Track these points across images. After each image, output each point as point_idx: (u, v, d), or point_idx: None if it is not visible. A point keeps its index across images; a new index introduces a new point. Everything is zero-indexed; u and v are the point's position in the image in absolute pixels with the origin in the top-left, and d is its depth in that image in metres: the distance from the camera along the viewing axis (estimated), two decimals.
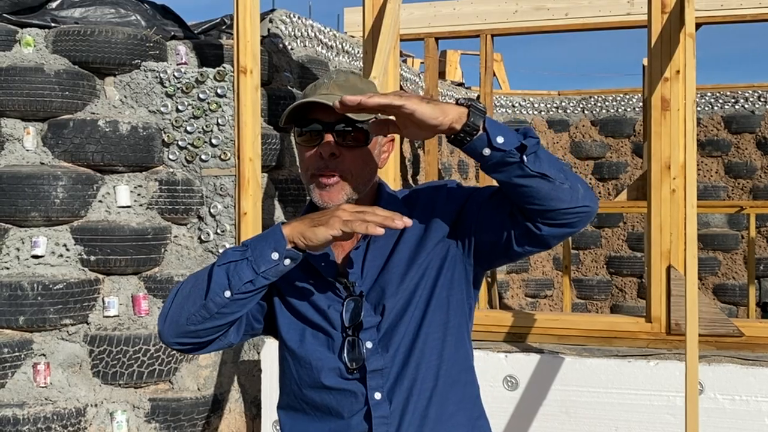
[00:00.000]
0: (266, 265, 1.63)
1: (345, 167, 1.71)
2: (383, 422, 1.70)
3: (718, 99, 11.28)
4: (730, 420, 3.70)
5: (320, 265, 1.77)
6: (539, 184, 1.57)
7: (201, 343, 1.75)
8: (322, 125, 1.70)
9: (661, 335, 4.06)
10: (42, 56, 4.88)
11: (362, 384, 1.71)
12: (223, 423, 4.95)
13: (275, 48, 5.80)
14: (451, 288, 1.77)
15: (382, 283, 1.74)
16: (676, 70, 4.05)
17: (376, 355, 1.71)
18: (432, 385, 1.73)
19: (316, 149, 1.72)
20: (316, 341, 1.76)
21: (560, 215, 1.61)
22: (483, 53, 7.49)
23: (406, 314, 1.73)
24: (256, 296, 1.68)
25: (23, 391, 4.57)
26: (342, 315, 1.73)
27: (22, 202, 4.63)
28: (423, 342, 1.73)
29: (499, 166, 1.58)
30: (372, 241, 1.76)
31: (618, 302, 11.39)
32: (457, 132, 1.57)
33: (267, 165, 5.27)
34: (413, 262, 1.74)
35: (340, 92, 1.70)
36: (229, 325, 1.73)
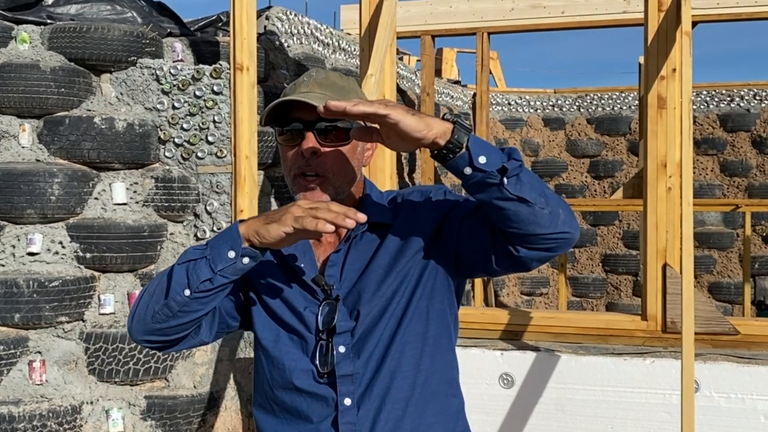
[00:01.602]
0: (223, 264, 1.60)
1: (327, 166, 1.70)
2: (351, 429, 1.67)
3: (714, 97, 11.29)
4: (725, 418, 3.71)
5: (299, 266, 1.75)
6: (518, 207, 1.55)
7: (169, 341, 1.73)
8: (302, 124, 1.68)
9: (656, 333, 4.07)
10: (38, 53, 4.87)
11: (333, 389, 1.68)
12: (218, 420, 4.95)
13: (271, 45, 5.80)
14: (432, 297, 1.74)
15: (359, 287, 1.71)
16: (673, 69, 4.05)
17: (347, 360, 1.68)
18: (407, 395, 1.69)
19: (297, 148, 1.70)
20: (290, 342, 1.74)
21: (539, 240, 1.59)
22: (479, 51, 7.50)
23: (381, 321, 1.70)
24: (218, 295, 1.65)
25: (19, 388, 4.56)
26: (317, 318, 1.70)
27: (17, 199, 4.62)
28: (399, 351, 1.69)
29: (480, 186, 1.55)
30: (353, 245, 1.74)
31: (613, 300, 11.41)
32: (440, 147, 1.54)
33: (263, 162, 5.26)
34: (392, 268, 1.72)
35: (321, 90, 1.69)
36: (194, 323, 1.71)
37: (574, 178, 11.86)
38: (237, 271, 1.62)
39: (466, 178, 1.55)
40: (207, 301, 1.65)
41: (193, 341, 1.78)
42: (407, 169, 8.40)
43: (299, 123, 1.69)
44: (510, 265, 1.67)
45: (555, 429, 3.90)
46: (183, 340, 1.75)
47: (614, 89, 11.87)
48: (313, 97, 1.66)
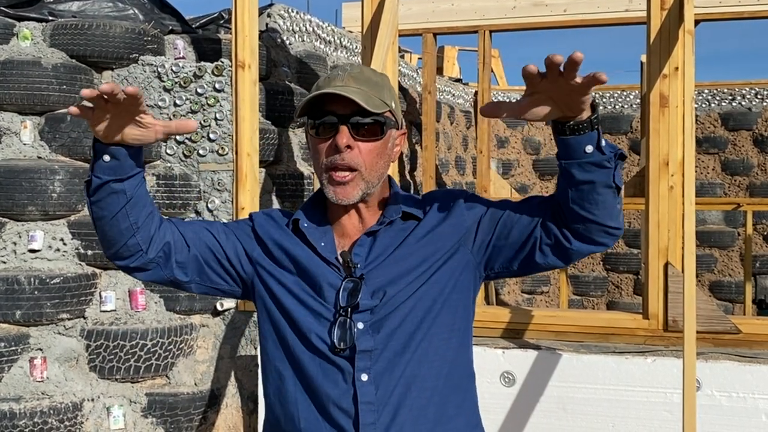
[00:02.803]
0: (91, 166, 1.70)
1: (360, 160, 1.71)
2: (370, 409, 1.67)
3: (716, 96, 11.29)
4: (726, 417, 3.71)
5: (320, 245, 1.77)
6: (608, 195, 1.62)
7: (119, 254, 1.77)
8: (337, 117, 1.70)
9: (658, 332, 4.06)
10: (39, 50, 4.86)
11: (349, 363, 1.69)
12: (219, 418, 4.95)
13: (273, 43, 5.79)
14: (461, 292, 1.77)
15: (385, 269, 1.73)
16: (675, 67, 4.05)
17: (366, 335, 1.70)
18: (433, 384, 1.71)
19: (331, 141, 1.71)
20: (309, 312, 1.75)
21: (601, 231, 1.66)
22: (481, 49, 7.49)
23: (405, 304, 1.71)
24: (111, 199, 1.69)
25: (20, 385, 4.56)
26: (338, 294, 1.72)
27: (19, 196, 4.62)
28: (427, 340, 1.71)
29: (592, 166, 1.59)
30: (384, 230, 1.77)
31: (614, 299, 11.41)
32: (580, 121, 1.58)
33: (265, 160, 5.26)
34: (422, 257, 1.74)
35: (356, 84, 1.71)
36: (118, 231, 1.73)
37: None
38: (104, 170, 1.66)
39: (584, 155, 1.59)
40: (102, 205, 1.69)
41: (161, 273, 1.80)
42: (408, 167, 8.39)
43: (334, 116, 1.70)
44: (554, 257, 1.71)
45: (556, 427, 3.90)
46: (136, 257, 1.77)
47: (615, 87, 11.87)
48: (349, 91, 1.68)
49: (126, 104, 1.60)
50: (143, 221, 1.75)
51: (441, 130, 9.63)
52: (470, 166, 10.70)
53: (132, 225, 1.74)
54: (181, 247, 1.82)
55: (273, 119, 5.47)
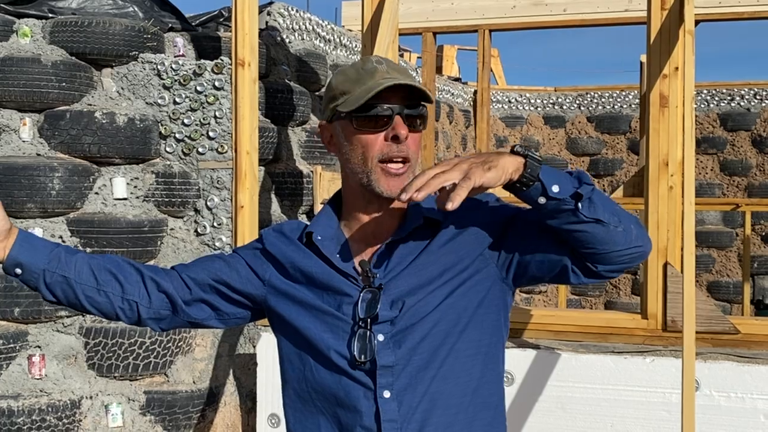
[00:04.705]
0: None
1: (411, 151, 1.70)
2: (393, 427, 1.64)
3: (714, 96, 11.30)
4: (725, 417, 3.71)
5: (335, 257, 1.74)
6: (594, 229, 1.58)
7: (123, 317, 1.85)
8: (393, 109, 1.68)
9: (657, 332, 4.06)
10: (39, 47, 4.86)
11: (371, 378, 1.66)
12: (218, 416, 4.95)
13: (273, 41, 5.79)
14: (489, 308, 1.72)
15: (404, 279, 1.69)
16: (675, 67, 4.05)
17: (387, 349, 1.66)
18: (459, 401, 1.67)
19: (385, 133, 1.68)
20: (326, 327, 1.72)
21: (614, 257, 1.62)
22: (480, 48, 7.49)
23: (428, 318, 1.67)
24: (61, 288, 1.79)
25: (18, 383, 4.56)
26: (357, 305, 1.68)
27: (18, 193, 4.61)
28: (453, 356, 1.67)
29: (554, 213, 1.58)
30: (401, 242, 1.73)
31: (612, 299, 11.42)
32: (513, 182, 1.56)
33: (264, 158, 5.26)
34: (444, 267, 1.70)
35: (400, 75, 1.69)
36: (114, 297, 1.81)
37: None
38: (20, 280, 1.79)
39: (541, 206, 1.57)
40: (48, 296, 1.81)
41: (177, 319, 1.86)
42: None
43: (390, 107, 1.68)
44: (587, 278, 1.69)
45: (555, 427, 3.90)
46: (139, 312, 1.83)
47: (614, 87, 11.88)
48: (402, 82, 1.68)
49: None
50: (113, 282, 1.81)
51: (440, 130, 9.63)
52: None
53: (107, 288, 1.80)
54: (183, 291, 1.84)
55: (272, 117, 5.46)
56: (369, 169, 1.69)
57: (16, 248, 1.76)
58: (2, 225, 1.73)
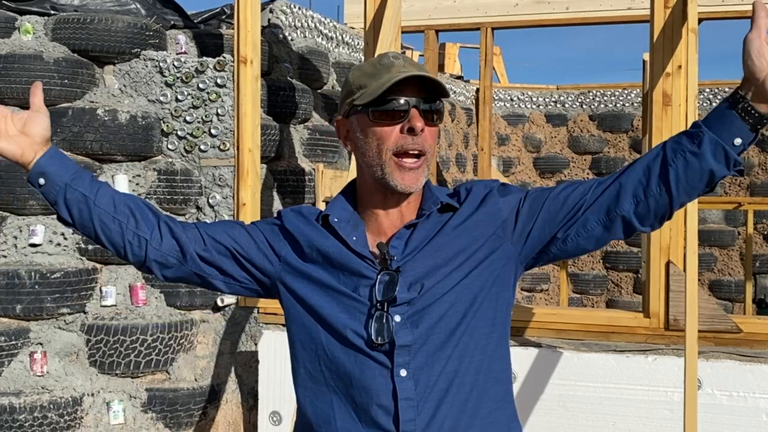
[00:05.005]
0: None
1: (427, 144, 1.71)
2: (410, 405, 1.65)
3: (717, 95, 11.28)
4: (727, 416, 3.71)
5: (351, 239, 1.75)
6: (702, 189, 1.64)
7: (115, 250, 1.85)
8: (410, 101, 1.69)
9: (659, 331, 4.06)
10: (41, 44, 4.86)
11: (388, 358, 1.67)
12: (219, 414, 4.95)
13: (275, 38, 5.78)
14: (502, 285, 1.75)
15: (421, 261, 1.71)
16: (678, 65, 4.04)
17: (404, 330, 1.67)
18: (473, 379, 1.69)
19: (401, 125, 1.70)
20: (343, 307, 1.72)
21: (663, 217, 1.68)
22: (483, 46, 7.48)
23: (444, 298, 1.68)
24: (78, 207, 1.81)
25: (20, 379, 4.56)
26: (375, 287, 1.69)
27: (20, 190, 4.61)
28: (468, 335, 1.69)
29: (722, 156, 1.59)
30: (421, 223, 1.75)
31: (614, 297, 11.41)
32: (757, 111, 1.56)
33: (266, 156, 5.25)
34: (459, 247, 1.72)
35: (416, 70, 1.70)
36: (92, 232, 1.83)
37: (576, 175, 11.85)
38: (41, 192, 1.83)
39: (729, 144, 1.58)
40: (64, 213, 1.83)
41: (184, 268, 1.84)
42: None
43: (407, 100, 1.69)
44: (590, 244, 1.73)
45: (557, 425, 3.90)
46: (146, 249, 1.83)
47: (617, 86, 11.86)
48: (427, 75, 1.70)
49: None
50: (129, 215, 1.82)
51: (442, 128, 9.62)
52: (471, 164, 10.70)
53: (122, 219, 1.80)
54: (197, 243, 1.84)
55: (274, 115, 5.46)
56: (383, 161, 1.71)
57: (46, 158, 1.80)
58: (43, 132, 1.81)
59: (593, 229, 1.71)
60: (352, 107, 1.75)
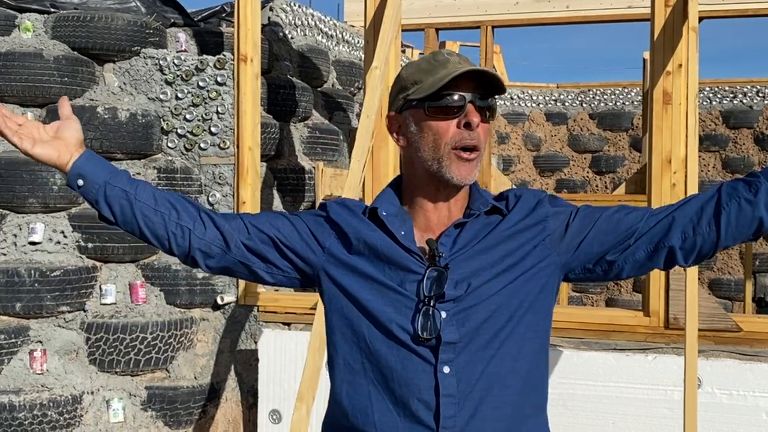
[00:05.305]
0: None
1: (481, 140, 1.73)
2: (451, 402, 1.66)
3: (717, 94, 11.28)
4: (727, 415, 3.71)
5: (400, 233, 1.77)
6: (752, 236, 1.70)
7: (174, 244, 1.84)
8: (466, 97, 1.71)
9: (659, 329, 4.06)
10: (41, 42, 4.85)
11: (433, 354, 1.69)
12: (219, 412, 4.95)
13: (275, 37, 5.78)
14: (547, 294, 1.77)
15: (469, 261, 1.73)
16: (679, 64, 4.04)
17: (450, 327, 1.68)
18: (514, 382, 1.70)
19: (457, 120, 1.72)
20: (388, 301, 1.74)
21: (709, 255, 1.73)
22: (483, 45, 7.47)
23: (491, 300, 1.70)
24: (120, 204, 1.81)
25: (19, 377, 4.56)
26: (422, 283, 1.70)
27: (19, 188, 4.61)
28: (512, 339, 1.71)
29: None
30: (470, 223, 1.77)
31: (613, 296, 11.41)
32: None
33: (266, 154, 5.25)
34: (506, 252, 1.74)
35: (471, 66, 1.71)
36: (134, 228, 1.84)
37: (576, 173, 11.85)
38: (81, 193, 1.83)
39: None
40: (106, 211, 1.84)
41: (227, 258, 1.84)
42: None
43: (463, 96, 1.71)
44: (637, 272, 1.79)
45: (557, 424, 3.89)
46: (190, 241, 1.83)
47: (617, 84, 11.86)
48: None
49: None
50: (170, 207, 1.83)
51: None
52: None
53: (164, 211, 1.82)
54: (241, 232, 1.85)
55: (275, 113, 5.46)
56: (440, 155, 1.73)
57: (82, 159, 1.82)
58: (77, 135, 1.85)
59: (640, 258, 1.76)
60: (406, 102, 1.77)
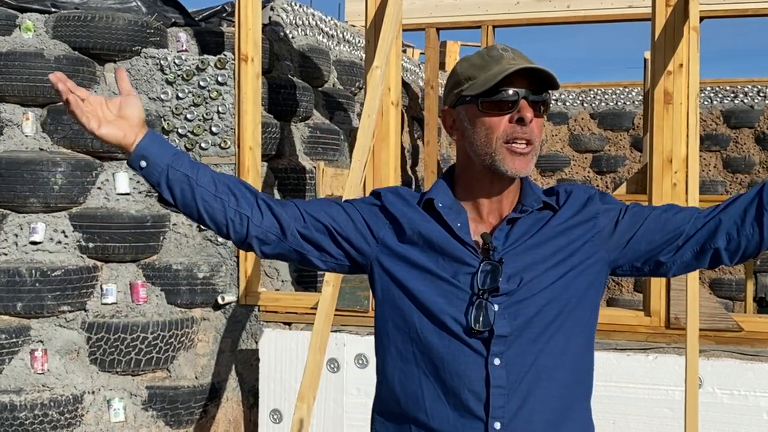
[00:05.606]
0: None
1: (534, 134, 1.75)
2: (501, 393, 1.70)
3: (718, 93, 11.27)
4: (728, 415, 3.71)
5: (456, 225, 1.79)
6: None
7: (219, 230, 1.84)
8: (519, 92, 1.73)
9: (660, 329, 4.06)
10: (42, 41, 4.85)
11: (485, 346, 1.71)
12: (220, 411, 4.95)
13: (276, 36, 5.78)
14: (596, 290, 1.80)
15: (521, 256, 1.75)
16: (680, 64, 4.04)
17: (503, 320, 1.71)
18: (561, 376, 1.73)
19: (510, 115, 1.74)
20: (441, 293, 1.76)
21: (755, 255, 1.77)
22: (484, 44, 7.47)
23: (542, 294, 1.73)
24: (181, 188, 1.79)
25: (20, 377, 4.56)
26: (476, 276, 1.73)
27: (20, 188, 4.61)
28: (561, 333, 1.73)
29: None
30: (523, 218, 1.80)
31: (614, 295, 11.41)
32: None
33: (267, 154, 5.25)
34: (557, 248, 1.77)
35: (526, 62, 1.74)
36: (195, 212, 1.82)
37: (577, 173, 11.85)
38: (143, 174, 1.80)
39: None
40: (167, 194, 1.80)
41: (283, 245, 1.84)
42: (410, 163, 8.39)
43: (517, 91, 1.73)
44: (683, 270, 1.83)
45: None
46: (248, 227, 1.82)
47: (618, 84, 11.85)
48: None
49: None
50: (229, 193, 1.82)
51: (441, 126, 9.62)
52: None
53: (223, 197, 1.81)
54: (297, 220, 1.86)
55: (275, 113, 5.46)
56: (493, 149, 1.75)
57: (146, 140, 1.79)
58: (140, 113, 1.80)
59: (687, 258, 1.79)
60: (460, 98, 1.79)
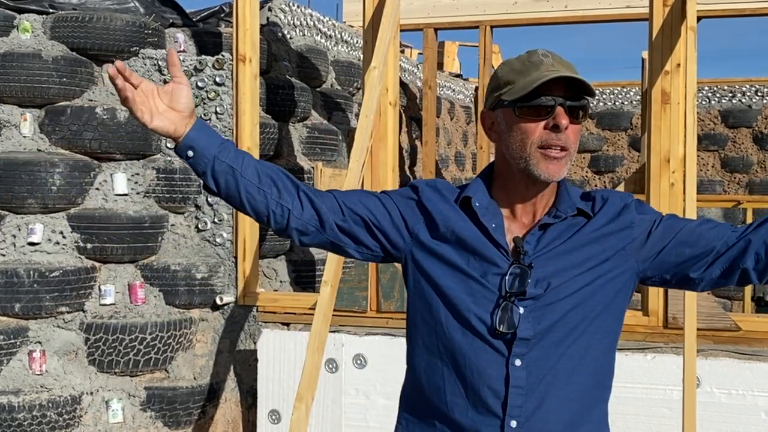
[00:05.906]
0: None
1: (570, 141, 1.76)
2: (519, 393, 1.73)
3: (716, 93, 11.29)
4: (726, 414, 3.71)
5: (491, 226, 1.81)
6: None
7: (259, 218, 1.87)
8: (556, 100, 1.74)
9: (658, 329, 4.06)
10: (40, 42, 4.85)
11: (507, 347, 1.74)
12: (218, 412, 4.95)
13: (274, 37, 5.78)
14: (622, 297, 1.82)
15: (551, 261, 1.77)
16: (677, 64, 4.04)
17: (527, 323, 1.73)
18: (581, 379, 1.76)
19: (546, 122, 1.75)
20: (470, 292, 1.78)
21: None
22: (482, 45, 7.47)
23: (568, 300, 1.75)
24: (208, 178, 1.82)
25: (19, 378, 4.56)
26: (505, 278, 1.75)
27: (18, 188, 4.61)
28: (584, 338, 1.76)
29: None
30: (555, 224, 1.81)
31: None
32: None
33: (265, 154, 5.25)
34: (588, 255, 1.79)
35: (563, 69, 1.75)
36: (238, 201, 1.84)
37: (575, 173, 11.86)
38: (189, 163, 1.83)
39: None
40: (211, 183, 1.83)
41: (321, 236, 1.88)
42: (408, 163, 8.39)
43: (553, 99, 1.74)
44: (711, 286, 1.84)
45: None
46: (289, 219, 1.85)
47: (616, 84, 11.86)
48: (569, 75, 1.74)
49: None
50: (272, 185, 1.85)
51: (441, 126, 9.62)
52: (470, 162, 10.69)
53: (266, 189, 1.84)
54: (335, 213, 1.88)
55: (273, 113, 5.46)
56: (527, 154, 1.76)
57: (194, 131, 1.83)
58: (189, 103, 1.83)
59: (715, 275, 1.81)
60: (498, 101, 1.80)
